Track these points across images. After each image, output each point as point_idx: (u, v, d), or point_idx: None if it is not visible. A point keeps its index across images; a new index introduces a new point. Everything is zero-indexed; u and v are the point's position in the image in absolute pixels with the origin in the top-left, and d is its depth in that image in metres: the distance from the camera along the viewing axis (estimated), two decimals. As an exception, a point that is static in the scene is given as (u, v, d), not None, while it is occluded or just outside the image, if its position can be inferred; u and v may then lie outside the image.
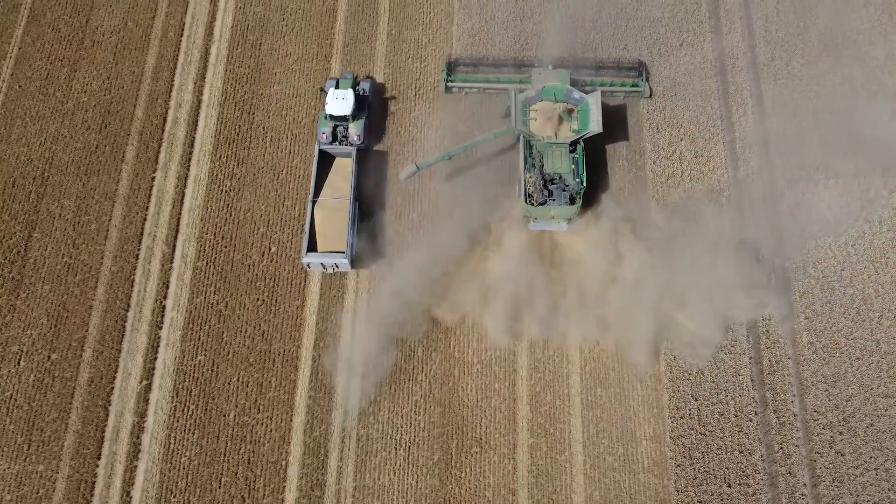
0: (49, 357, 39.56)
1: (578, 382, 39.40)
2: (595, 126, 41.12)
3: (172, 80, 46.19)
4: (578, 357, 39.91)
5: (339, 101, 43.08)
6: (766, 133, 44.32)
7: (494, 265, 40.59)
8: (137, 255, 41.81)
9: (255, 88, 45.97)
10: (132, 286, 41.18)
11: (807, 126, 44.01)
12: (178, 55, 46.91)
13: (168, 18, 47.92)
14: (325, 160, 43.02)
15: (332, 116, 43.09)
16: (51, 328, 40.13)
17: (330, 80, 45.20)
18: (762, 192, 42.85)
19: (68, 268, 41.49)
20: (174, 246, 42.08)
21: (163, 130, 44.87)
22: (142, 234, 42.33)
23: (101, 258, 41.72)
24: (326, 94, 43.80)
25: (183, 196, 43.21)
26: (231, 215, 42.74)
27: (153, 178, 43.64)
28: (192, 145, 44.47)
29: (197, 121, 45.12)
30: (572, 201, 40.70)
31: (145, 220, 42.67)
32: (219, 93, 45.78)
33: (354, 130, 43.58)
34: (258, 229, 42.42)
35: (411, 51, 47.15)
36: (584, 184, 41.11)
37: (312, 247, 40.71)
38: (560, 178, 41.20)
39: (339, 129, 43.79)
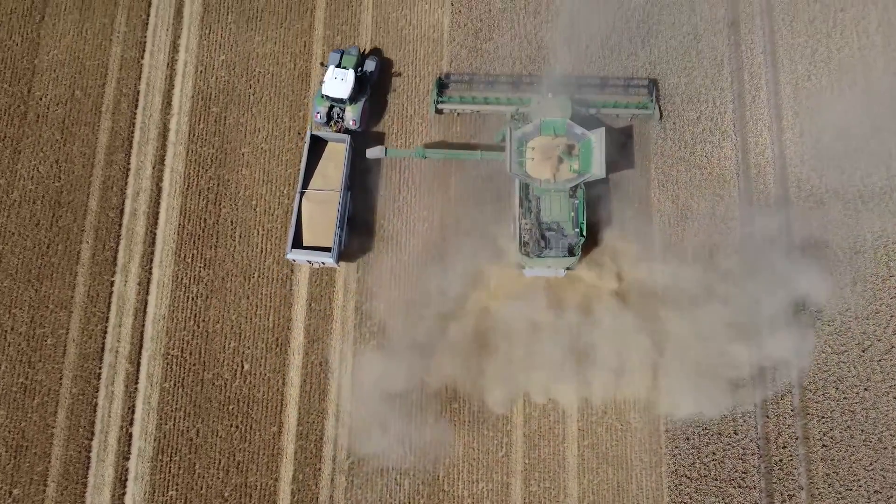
0: (10, 493, 37.00)
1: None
2: (597, 170, 37.39)
3: (128, 163, 41.31)
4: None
5: (338, 83, 39.60)
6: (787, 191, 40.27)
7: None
8: (99, 375, 38.48)
9: (221, 173, 41.16)
10: (95, 411, 38.09)
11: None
12: (133, 131, 41.76)
13: (120, 86, 42.40)
14: (318, 145, 39.96)
15: (328, 97, 39.70)
16: (10, 459, 37.36)
17: (334, 52, 41.16)
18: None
19: (25, 389, 38.27)
20: (138, 364, 38.65)
21: (120, 225, 40.47)
22: (102, 349, 38.81)
23: (60, 378, 38.44)
24: (326, 69, 40.09)
25: (146, 304, 39.37)
26: (199, 327, 39.07)
27: (112, 283, 39.65)
28: (153, 243, 40.21)
29: (157, 213, 40.62)
30: (571, 251, 37.58)
31: (105, 332, 39.05)
32: (180, 178, 41.01)
33: (351, 115, 40.16)
34: (229, 344, 38.85)
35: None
36: (585, 234, 37.86)
37: (299, 242, 38.22)
38: (558, 225, 37.76)
39: (335, 111, 40.30)
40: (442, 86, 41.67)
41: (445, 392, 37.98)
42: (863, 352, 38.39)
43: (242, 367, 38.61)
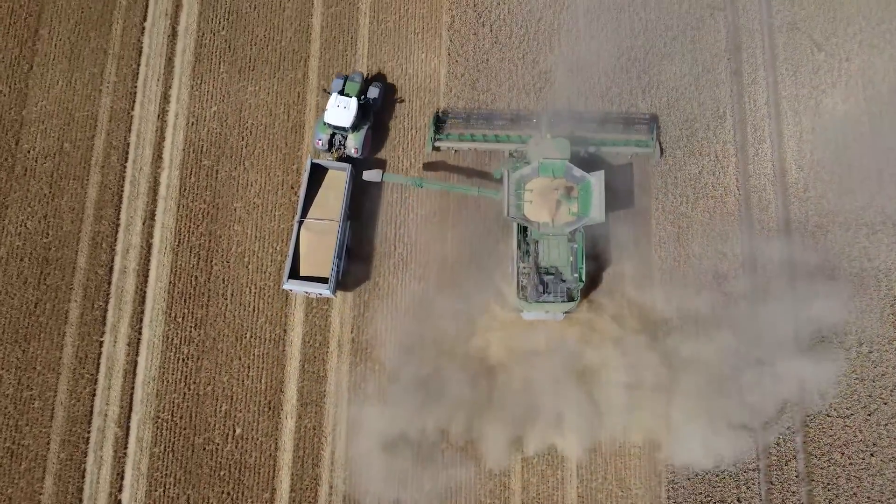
0: (-4, 563, 36.26)
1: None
2: (597, 214, 36.61)
3: (118, 219, 40.36)
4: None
5: (340, 111, 39.04)
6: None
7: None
8: (88, 439, 37.56)
9: (213, 228, 40.25)
10: (83, 477, 37.13)
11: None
12: (123, 186, 40.80)
13: (110, 138, 41.44)
14: (318, 172, 39.47)
15: (330, 125, 39.21)
16: (-3, 528, 36.64)
17: (337, 77, 40.47)
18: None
19: (12, 454, 37.33)
20: (128, 428, 37.72)
21: (109, 283, 39.53)
22: (91, 412, 37.88)
23: (48, 443, 37.50)
24: (329, 96, 39.50)
25: (135, 366, 38.43)
26: (190, 389, 38.15)
27: (101, 344, 38.71)
28: (143, 302, 39.29)
29: (147, 270, 39.69)
30: (570, 297, 36.85)
31: (94, 395, 38.12)
32: (171, 234, 40.09)
33: (353, 143, 39.57)
34: (221, 407, 37.93)
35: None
36: (584, 279, 37.19)
37: (296, 272, 37.76)
38: (557, 270, 37.01)
39: (337, 138, 39.73)
40: (439, 122, 40.96)
41: (443, 456, 37.18)
42: (869, 415, 37.51)
43: (234, 431, 37.71)
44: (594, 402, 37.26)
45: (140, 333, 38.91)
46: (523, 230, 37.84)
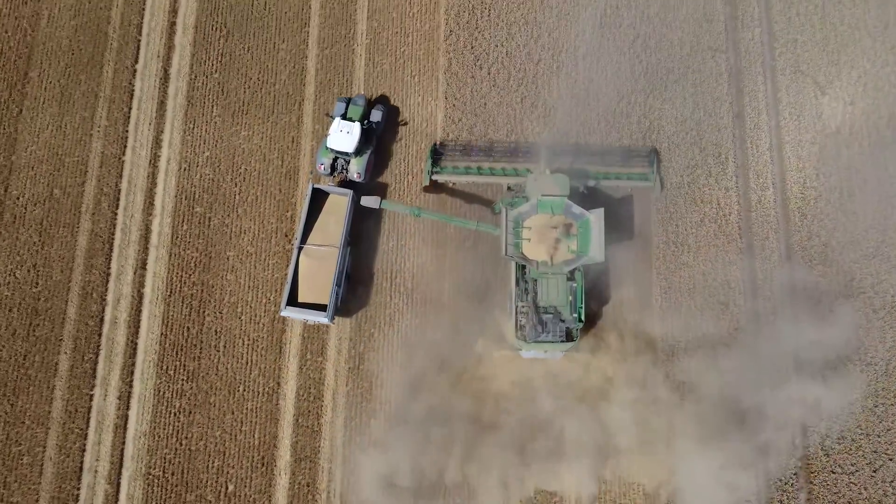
0: None
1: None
2: (596, 254, 35.86)
3: (109, 268, 39.61)
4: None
5: (343, 136, 38.64)
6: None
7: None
8: (77, 497, 36.75)
9: (205, 278, 39.49)
10: (73, 536, 36.61)
11: None
12: (113, 233, 40.04)
13: (100, 184, 40.68)
14: (319, 197, 38.97)
15: (333, 150, 38.83)
16: (-16, 588, 35.91)
17: (339, 101, 39.92)
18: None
19: (0, 513, 36.78)
20: (118, 485, 36.95)
21: (100, 335, 38.78)
22: (81, 469, 37.12)
23: (37, 500, 36.67)
24: (332, 121, 39.03)
25: (126, 420, 37.69)
26: (182, 445, 37.39)
27: (91, 397, 37.97)
28: (134, 354, 38.53)
29: (139, 321, 38.95)
30: (569, 336, 36.23)
31: (84, 450, 37.37)
32: (163, 284, 39.35)
33: (356, 167, 39.15)
34: (213, 463, 37.16)
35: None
36: (583, 319, 36.49)
37: (294, 299, 37.26)
38: (556, 309, 36.37)
39: (340, 162, 39.30)
40: (436, 155, 40.37)
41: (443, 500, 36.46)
42: (874, 472, 36.73)
43: (227, 487, 36.94)
44: (595, 443, 36.71)
45: (131, 387, 38.19)
46: (522, 268, 37.21)
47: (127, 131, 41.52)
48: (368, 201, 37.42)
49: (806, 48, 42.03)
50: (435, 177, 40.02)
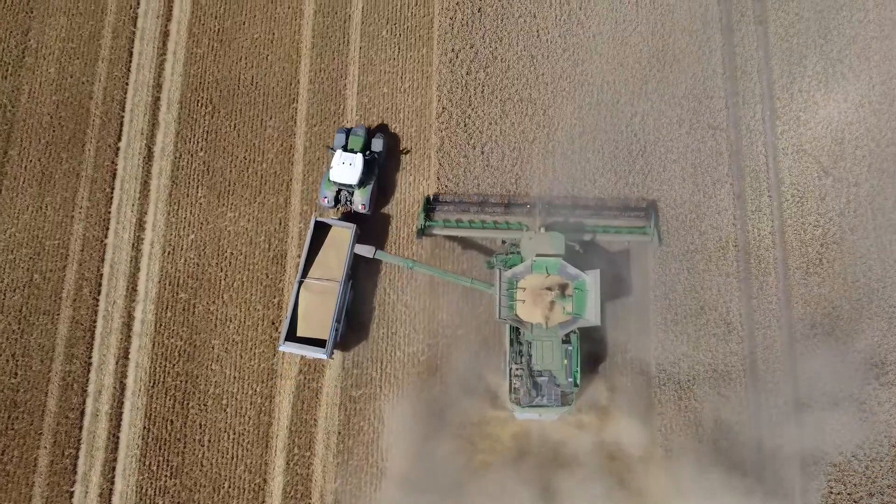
0: None
1: None
2: (592, 317, 34.87)
3: (90, 358, 38.37)
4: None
5: (346, 168, 38.10)
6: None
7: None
8: None
9: (190, 368, 38.27)
10: None
11: None
12: (95, 321, 38.81)
13: (82, 269, 39.42)
14: (320, 231, 38.32)
15: (336, 182, 38.27)
16: None
17: (339, 131, 39.25)
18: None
19: None
20: (99, 589, 35.97)
21: (80, 428, 37.54)
22: (61, 571, 36.14)
23: None
24: (333, 153, 38.43)
25: (107, 519, 36.70)
26: (165, 545, 36.38)
27: (71, 495, 36.63)
28: (115, 449, 37.30)
29: (121, 414, 37.74)
30: (565, 401, 35.33)
31: (64, 552, 36.37)
32: (146, 375, 38.13)
33: (360, 199, 38.70)
34: (197, 566, 36.15)
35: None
36: (579, 383, 35.50)
37: (293, 334, 36.61)
38: (550, 373, 35.51)
39: (343, 194, 38.74)
40: (429, 209, 39.44)
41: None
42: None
43: None
44: None
45: (112, 483, 36.93)
46: (516, 329, 36.22)
47: (109, 213, 40.30)
48: (362, 250, 37.11)
49: (809, 126, 40.82)
50: (428, 229, 39.13)
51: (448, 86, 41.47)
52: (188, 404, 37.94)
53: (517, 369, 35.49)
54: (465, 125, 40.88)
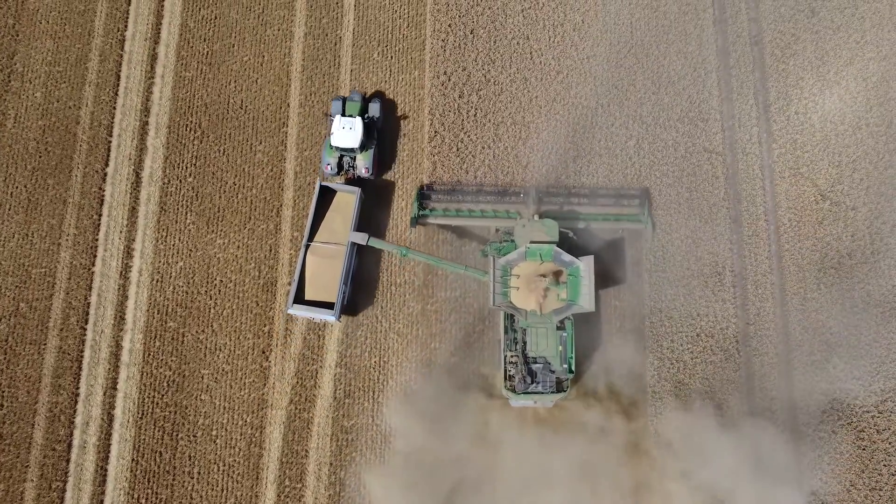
0: None
1: None
2: (586, 303, 34.74)
3: (77, 389, 37.79)
4: None
5: (347, 132, 38.14)
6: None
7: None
8: None
9: (179, 398, 37.69)
10: None
11: None
12: (82, 351, 38.21)
13: (69, 297, 38.84)
14: (326, 196, 38.72)
15: (338, 148, 38.20)
16: None
17: (335, 100, 39.25)
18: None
19: None
20: None
21: (68, 461, 36.93)
22: None
23: None
24: (332, 119, 38.35)
25: (95, 554, 36.06)
26: (153, 581, 35.77)
27: (59, 530, 36.31)
28: (103, 482, 36.67)
29: (109, 446, 37.12)
30: (560, 387, 35.24)
31: (51, 587, 35.75)
32: (134, 405, 37.53)
33: (362, 163, 38.81)
34: None
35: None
36: (574, 370, 35.36)
37: (301, 297, 36.85)
38: (545, 360, 35.44)
39: (346, 160, 38.68)
40: (423, 198, 39.10)
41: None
42: None
43: None
44: None
45: (100, 517, 36.50)
46: (511, 317, 36.00)
47: (97, 240, 39.69)
48: (356, 237, 37.12)
49: (806, 149, 40.29)
50: (422, 218, 38.70)
51: (440, 109, 40.88)
52: (177, 435, 37.34)
53: (512, 357, 35.47)
54: (457, 149, 40.30)
